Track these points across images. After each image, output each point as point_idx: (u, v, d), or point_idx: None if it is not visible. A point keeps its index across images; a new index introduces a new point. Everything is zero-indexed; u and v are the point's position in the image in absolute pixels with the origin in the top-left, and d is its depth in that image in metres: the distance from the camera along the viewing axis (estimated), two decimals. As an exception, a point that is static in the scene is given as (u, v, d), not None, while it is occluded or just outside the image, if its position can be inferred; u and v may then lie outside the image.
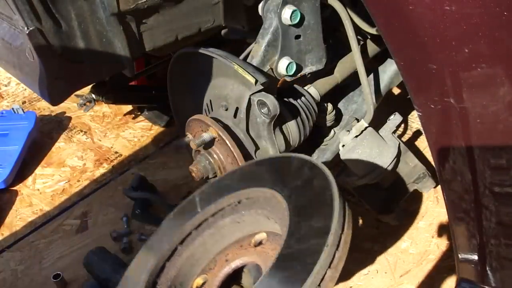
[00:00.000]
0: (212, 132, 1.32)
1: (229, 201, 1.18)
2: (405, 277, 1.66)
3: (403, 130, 2.25)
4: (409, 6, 0.83)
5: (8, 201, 2.10)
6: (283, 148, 1.38)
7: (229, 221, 1.20)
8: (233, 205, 1.18)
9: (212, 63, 1.35)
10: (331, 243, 0.88)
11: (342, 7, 1.32)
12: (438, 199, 1.91)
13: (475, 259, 1.02)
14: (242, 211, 1.18)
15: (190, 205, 1.25)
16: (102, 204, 2.05)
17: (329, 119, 1.52)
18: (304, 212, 0.98)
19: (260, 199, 1.13)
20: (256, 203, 1.15)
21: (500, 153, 0.87)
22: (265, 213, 1.14)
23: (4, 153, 2.20)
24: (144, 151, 2.33)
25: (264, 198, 1.12)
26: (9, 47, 1.35)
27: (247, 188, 1.16)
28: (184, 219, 1.23)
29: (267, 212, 1.13)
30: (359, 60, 1.36)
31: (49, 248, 1.88)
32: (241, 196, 1.17)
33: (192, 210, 1.23)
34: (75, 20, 1.23)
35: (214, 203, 1.20)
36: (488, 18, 0.76)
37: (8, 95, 2.79)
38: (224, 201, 1.19)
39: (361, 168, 1.40)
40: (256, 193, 1.14)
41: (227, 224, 1.21)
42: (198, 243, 1.22)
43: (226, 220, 1.20)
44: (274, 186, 1.09)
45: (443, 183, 1.00)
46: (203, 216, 1.21)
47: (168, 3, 1.35)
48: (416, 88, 0.93)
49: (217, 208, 1.20)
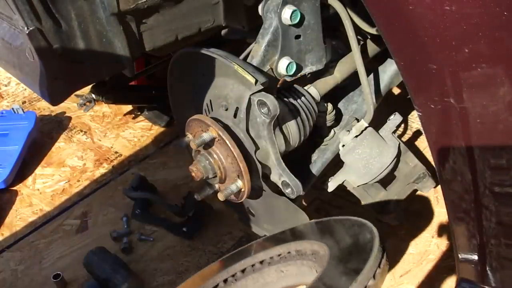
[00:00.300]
0: (212, 132, 1.31)
1: (279, 251, 1.26)
2: (405, 277, 1.66)
3: (403, 130, 2.25)
4: (409, 6, 0.83)
5: (8, 201, 2.10)
6: (283, 148, 1.38)
7: (274, 269, 1.27)
8: (282, 255, 1.25)
9: (212, 63, 1.35)
10: (359, 281, 0.94)
11: (342, 7, 1.32)
12: (438, 199, 1.91)
13: (475, 259, 1.02)
14: (289, 261, 1.25)
15: (248, 249, 1.36)
16: (102, 204, 2.05)
17: (329, 119, 1.52)
18: (342, 257, 1.06)
19: (308, 251, 1.20)
20: (303, 256, 1.22)
21: (500, 153, 0.87)
22: (310, 264, 1.20)
23: (4, 153, 2.20)
24: (144, 151, 2.34)
25: (311, 250, 1.19)
26: (9, 47, 1.35)
27: (298, 241, 1.24)
28: (235, 261, 1.31)
29: (312, 263, 1.19)
30: (359, 60, 1.36)
31: (49, 248, 1.88)
32: (291, 248, 1.24)
33: (246, 254, 1.32)
34: (75, 20, 1.23)
35: (265, 251, 1.27)
36: (488, 18, 0.76)
37: (8, 95, 2.79)
38: (274, 250, 1.26)
39: (361, 168, 1.40)
40: (305, 246, 1.21)
41: (272, 273, 1.27)
42: (240, 285, 1.28)
43: (271, 268, 1.27)
44: (323, 239, 1.18)
45: (443, 183, 1.00)
46: (252, 261, 1.28)
47: (168, 3, 1.35)
48: (416, 88, 0.93)
49: (267, 255, 1.27)
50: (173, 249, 1.85)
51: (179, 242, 1.87)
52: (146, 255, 1.83)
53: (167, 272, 1.76)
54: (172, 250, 1.84)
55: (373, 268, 0.96)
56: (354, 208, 1.92)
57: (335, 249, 1.10)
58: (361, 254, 1.02)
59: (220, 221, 1.92)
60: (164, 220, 1.94)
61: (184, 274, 1.75)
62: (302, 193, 1.36)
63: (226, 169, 1.35)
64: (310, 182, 1.53)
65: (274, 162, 1.33)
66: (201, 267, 1.77)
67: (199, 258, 1.80)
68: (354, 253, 1.06)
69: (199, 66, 1.41)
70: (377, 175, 1.41)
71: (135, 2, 1.27)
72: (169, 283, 1.73)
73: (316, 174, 1.52)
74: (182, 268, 1.77)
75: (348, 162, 1.42)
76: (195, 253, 1.83)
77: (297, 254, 1.24)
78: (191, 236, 1.87)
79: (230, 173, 1.35)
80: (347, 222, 1.22)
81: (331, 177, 1.46)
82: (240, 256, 1.33)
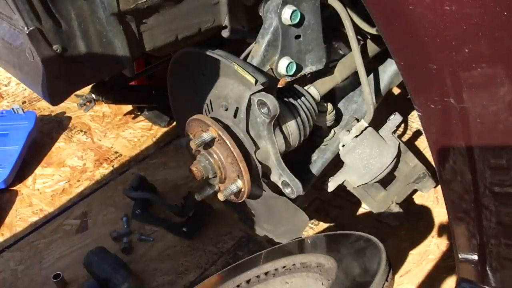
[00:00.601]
0: (212, 132, 1.31)
1: (284, 262, 1.29)
2: (405, 277, 1.66)
3: (403, 130, 2.25)
4: (409, 6, 0.83)
5: (8, 201, 2.10)
6: (283, 148, 1.39)
7: (279, 281, 1.30)
8: (287, 267, 1.28)
9: (212, 63, 1.35)
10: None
11: (342, 7, 1.32)
12: (438, 199, 1.91)
13: (475, 259, 1.02)
14: (294, 273, 1.28)
15: (255, 259, 1.39)
16: (102, 204, 2.05)
17: (329, 119, 1.52)
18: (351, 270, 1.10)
19: (313, 263, 1.23)
20: (308, 268, 1.25)
21: (500, 153, 0.87)
22: (315, 277, 1.23)
23: (4, 153, 2.20)
24: (144, 151, 2.34)
25: (316, 263, 1.22)
26: (9, 47, 1.35)
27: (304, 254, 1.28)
28: (240, 271, 1.35)
29: (318, 276, 1.22)
30: (359, 60, 1.36)
31: (49, 248, 1.88)
32: (296, 260, 1.28)
33: (253, 265, 1.36)
34: (75, 20, 1.23)
35: (270, 262, 1.31)
36: (488, 18, 0.76)
37: (8, 95, 2.79)
38: (280, 262, 1.30)
39: (361, 168, 1.40)
40: (310, 258, 1.25)
41: (277, 284, 1.30)
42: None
43: (276, 279, 1.30)
44: (329, 252, 1.22)
45: (443, 183, 1.00)
46: (257, 272, 1.32)
47: (168, 3, 1.35)
48: (416, 88, 0.92)
49: (272, 267, 1.31)
50: (173, 249, 1.85)
51: (179, 242, 1.87)
52: (146, 255, 1.83)
53: (167, 272, 1.76)
54: (172, 250, 1.84)
55: (381, 281, 0.99)
56: (354, 208, 1.93)
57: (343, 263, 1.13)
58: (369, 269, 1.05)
59: (220, 221, 1.92)
60: (164, 220, 1.94)
61: (184, 274, 1.75)
62: (302, 193, 1.36)
63: (226, 169, 1.35)
64: (310, 182, 1.53)
65: (274, 162, 1.33)
66: (201, 267, 1.77)
67: (199, 258, 1.80)
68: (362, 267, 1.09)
69: (199, 66, 1.41)
70: (377, 175, 1.41)
71: (135, 2, 1.27)
72: (169, 283, 1.73)
73: (316, 174, 1.53)
74: (182, 268, 1.77)
75: (348, 162, 1.42)
76: (195, 253, 1.83)
77: (302, 266, 1.26)
78: (191, 236, 1.87)
79: (230, 173, 1.35)
80: (352, 236, 1.25)
81: (331, 177, 1.46)
82: (245, 267, 1.35)
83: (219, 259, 1.79)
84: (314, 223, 1.89)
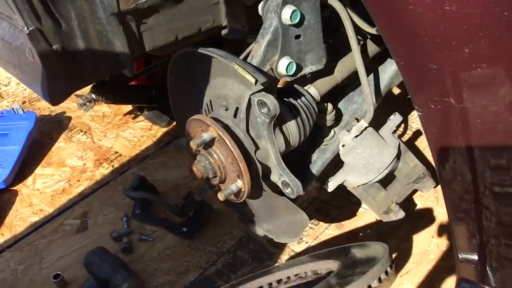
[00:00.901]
0: (212, 132, 1.31)
1: (297, 270, 1.34)
2: (405, 277, 1.66)
3: (403, 130, 2.25)
4: (409, 6, 0.83)
5: (8, 201, 2.10)
6: (283, 148, 1.38)
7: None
8: (299, 276, 1.34)
9: (212, 63, 1.35)
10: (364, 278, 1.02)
11: (342, 7, 1.32)
12: (438, 199, 1.91)
13: (475, 259, 1.02)
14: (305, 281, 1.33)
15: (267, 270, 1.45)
16: (102, 204, 2.05)
17: (329, 119, 1.52)
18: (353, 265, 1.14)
19: (323, 270, 1.28)
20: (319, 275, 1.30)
21: (500, 153, 0.87)
22: None
23: (4, 153, 2.20)
24: (144, 151, 2.34)
25: (326, 269, 1.26)
26: (9, 47, 1.36)
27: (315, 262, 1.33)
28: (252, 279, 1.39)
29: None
30: (359, 60, 1.36)
31: (49, 248, 1.88)
32: (308, 268, 1.32)
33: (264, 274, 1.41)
34: (75, 20, 1.23)
35: (284, 270, 1.35)
36: (488, 18, 0.76)
37: (8, 95, 2.79)
38: (293, 270, 1.34)
39: (361, 168, 1.40)
40: (320, 265, 1.30)
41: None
42: None
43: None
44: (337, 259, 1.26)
45: (443, 183, 1.00)
46: (269, 279, 1.37)
47: (168, 3, 1.35)
48: (416, 88, 0.92)
49: (284, 275, 1.35)
50: (173, 249, 1.85)
51: (179, 242, 1.87)
52: (146, 255, 1.83)
53: (167, 272, 1.76)
54: (172, 250, 1.84)
55: (380, 271, 0.99)
56: (354, 208, 1.93)
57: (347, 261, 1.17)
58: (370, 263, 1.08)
59: (220, 221, 1.92)
60: (164, 220, 1.94)
61: (184, 274, 1.75)
62: (302, 193, 1.36)
63: (226, 169, 1.35)
64: (310, 182, 1.53)
65: (274, 162, 1.33)
66: (201, 267, 1.77)
67: (199, 258, 1.80)
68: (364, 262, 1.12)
69: (199, 66, 1.41)
70: (377, 175, 1.41)
71: (135, 2, 1.27)
72: (169, 283, 1.73)
73: (316, 174, 1.52)
74: (182, 268, 1.77)
75: (348, 162, 1.42)
76: (195, 253, 1.83)
77: (313, 274, 1.30)
78: (191, 236, 1.87)
79: (230, 173, 1.35)
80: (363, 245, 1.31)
81: (331, 177, 1.46)
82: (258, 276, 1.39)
83: (219, 259, 1.79)
84: (314, 223, 1.89)
